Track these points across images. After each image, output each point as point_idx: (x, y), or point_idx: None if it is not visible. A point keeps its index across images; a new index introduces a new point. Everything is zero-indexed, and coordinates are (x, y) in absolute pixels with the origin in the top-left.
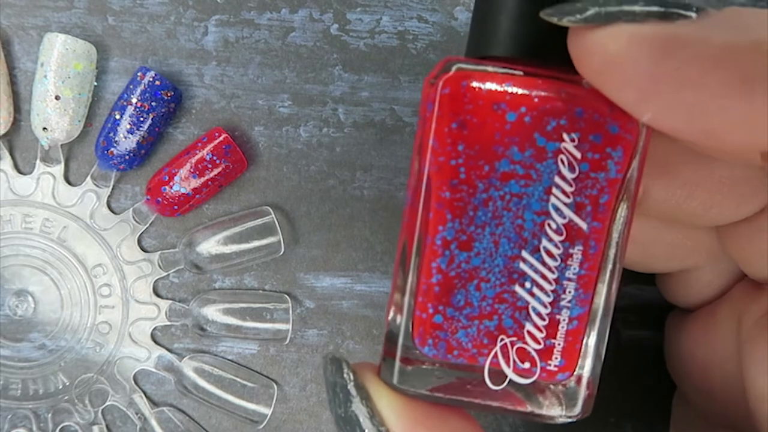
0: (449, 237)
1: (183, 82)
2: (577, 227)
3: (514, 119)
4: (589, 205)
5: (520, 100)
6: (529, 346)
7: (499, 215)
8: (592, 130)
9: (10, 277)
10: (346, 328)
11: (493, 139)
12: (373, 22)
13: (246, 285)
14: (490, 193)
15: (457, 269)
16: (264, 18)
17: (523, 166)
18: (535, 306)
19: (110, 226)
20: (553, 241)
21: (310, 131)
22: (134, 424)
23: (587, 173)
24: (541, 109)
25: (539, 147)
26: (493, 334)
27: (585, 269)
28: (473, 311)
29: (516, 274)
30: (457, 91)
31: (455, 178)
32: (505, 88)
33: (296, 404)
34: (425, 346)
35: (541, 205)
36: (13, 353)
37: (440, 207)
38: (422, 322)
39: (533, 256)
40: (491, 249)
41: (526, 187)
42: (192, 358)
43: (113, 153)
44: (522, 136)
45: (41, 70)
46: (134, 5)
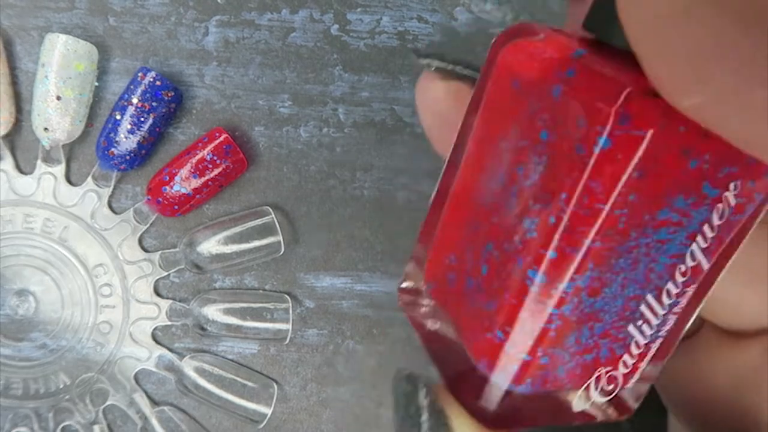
0: (582, 285)
1: (183, 82)
2: (700, 268)
3: (695, 167)
4: (715, 245)
5: (707, 144)
6: (619, 372)
7: (637, 261)
8: (750, 176)
9: (12, 277)
10: (346, 328)
11: (668, 188)
12: (374, 23)
13: (246, 285)
14: (639, 241)
15: (580, 314)
16: (264, 18)
17: (680, 214)
18: (637, 339)
19: (111, 226)
20: (676, 282)
21: (311, 131)
22: (135, 424)
23: (729, 217)
24: (724, 154)
25: (703, 194)
26: (588, 366)
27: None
28: (578, 348)
29: (630, 312)
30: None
31: (612, 229)
32: (701, 130)
33: (296, 404)
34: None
35: (679, 250)
36: (14, 353)
37: (580, 254)
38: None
39: (654, 297)
40: (617, 293)
41: (674, 234)
42: (192, 358)
43: (114, 153)
44: (693, 183)
45: (42, 70)
46: (135, 6)
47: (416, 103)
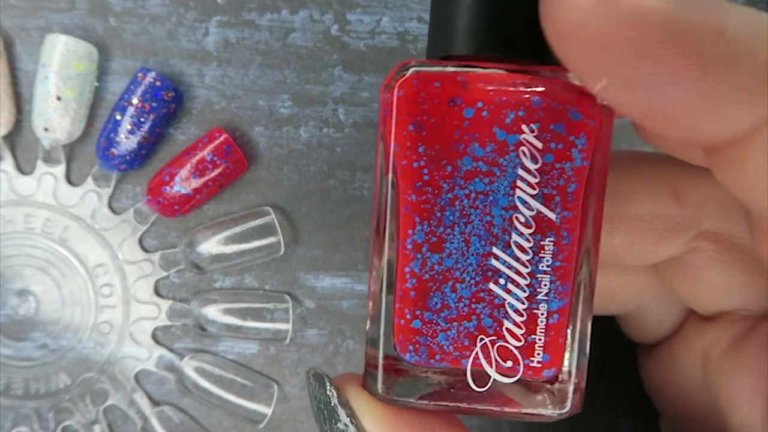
0: (420, 240)
1: (184, 82)
2: (546, 218)
3: (472, 115)
4: (557, 195)
5: (476, 94)
6: (510, 345)
7: (466, 214)
8: (552, 119)
9: (12, 277)
10: (346, 328)
11: (453, 137)
12: (373, 23)
13: (246, 285)
14: (456, 192)
15: (431, 272)
16: (264, 19)
17: (486, 163)
18: (512, 302)
19: (111, 226)
20: (523, 234)
21: (311, 132)
22: (135, 424)
23: (552, 164)
24: (498, 101)
25: (500, 141)
26: (473, 335)
27: (560, 260)
28: (451, 313)
29: (490, 271)
30: (411, 92)
31: (419, 181)
32: (460, 85)
33: (296, 404)
34: (406, 353)
35: (508, 200)
36: (14, 353)
37: (407, 210)
38: (401, 328)
39: (505, 251)
40: (462, 248)
41: (491, 184)
42: (192, 358)
43: (114, 153)
44: (481, 131)
45: (43, 70)
46: (135, 6)
47: None
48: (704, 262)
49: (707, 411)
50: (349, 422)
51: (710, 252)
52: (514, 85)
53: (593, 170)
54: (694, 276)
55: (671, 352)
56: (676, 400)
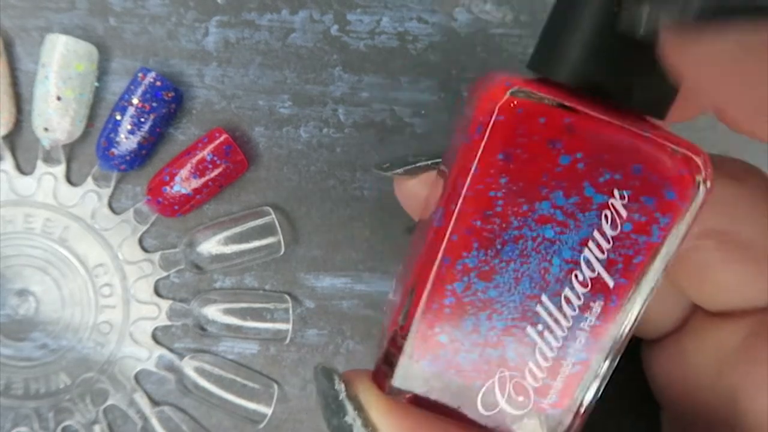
0: (471, 265)
1: (184, 82)
2: (603, 282)
3: (568, 163)
4: (621, 263)
5: (579, 143)
6: (527, 382)
7: (527, 255)
8: (646, 191)
9: (12, 277)
10: (346, 328)
11: (540, 179)
12: (373, 23)
13: (246, 285)
14: (523, 231)
15: (472, 297)
16: (264, 19)
17: (563, 213)
18: (541, 348)
19: (111, 226)
20: (575, 291)
21: (311, 132)
22: (135, 424)
23: (628, 233)
24: (599, 157)
25: (586, 197)
26: (493, 363)
27: (600, 321)
28: (479, 338)
29: (530, 313)
30: (512, 121)
31: (490, 210)
32: (566, 125)
33: (296, 404)
34: (424, 360)
35: (573, 255)
36: (14, 353)
37: (468, 233)
38: (426, 337)
39: (552, 300)
40: (511, 284)
41: (562, 234)
42: (192, 358)
43: (114, 153)
44: (571, 181)
45: (43, 70)
46: (135, 6)
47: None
48: (709, 260)
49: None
50: (357, 416)
51: (714, 250)
52: (620, 144)
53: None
54: (700, 274)
55: (679, 348)
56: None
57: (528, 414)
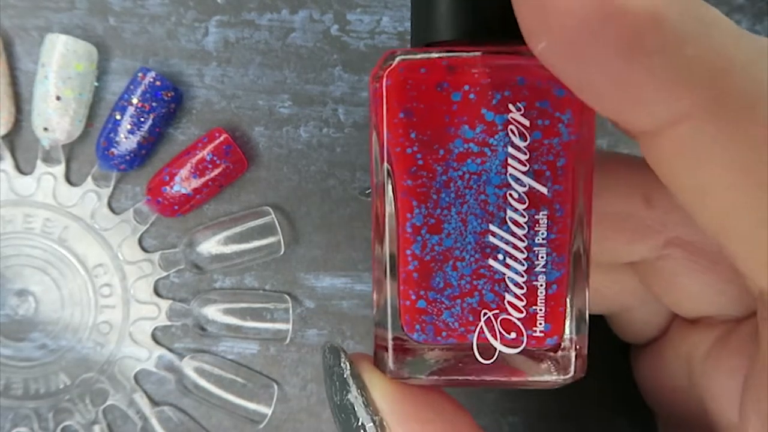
0: (418, 223)
1: (183, 82)
2: (539, 193)
3: (460, 98)
4: (547, 170)
5: (461, 78)
6: (513, 317)
7: (462, 194)
8: (537, 97)
9: (12, 277)
10: (346, 328)
11: (443, 121)
12: (373, 23)
13: (246, 285)
14: (450, 174)
15: (432, 253)
16: (264, 19)
17: (476, 144)
18: (511, 276)
19: (111, 226)
20: (517, 210)
21: (311, 131)
22: (135, 424)
23: (540, 140)
24: (484, 83)
25: (489, 122)
26: (476, 310)
27: (555, 233)
28: (454, 291)
29: (488, 248)
30: (399, 80)
31: (413, 166)
32: (445, 69)
33: (296, 404)
34: (414, 332)
35: (501, 178)
36: (14, 353)
37: (405, 195)
38: (407, 309)
39: (501, 228)
40: (460, 228)
41: (483, 164)
42: (192, 358)
43: (114, 153)
44: (470, 113)
45: (42, 70)
46: (135, 6)
47: None
48: (677, 269)
49: (695, 411)
50: (359, 394)
51: (681, 259)
52: (498, 67)
53: (581, 143)
54: (669, 282)
55: (658, 354)
56: (666, 400)
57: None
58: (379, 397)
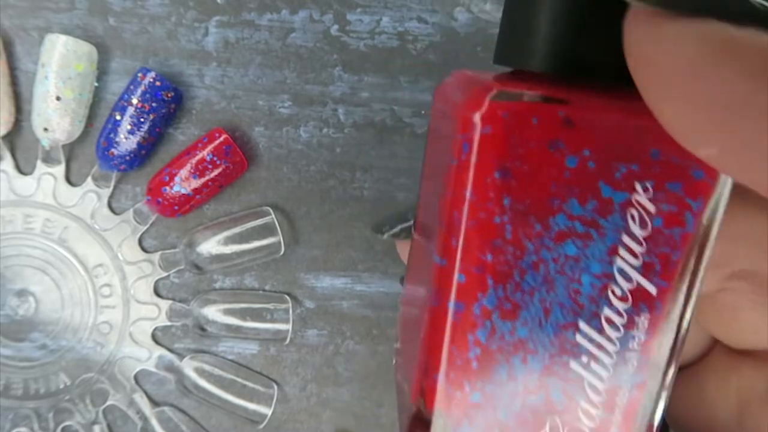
0: (490, 306)
1: (183, 82)
2: (644, 290)
3: (575, 165)
4: (658, 264)
5: (583, 138)
6: (583, 423)
7: (551, 280)
8: (670, 177)
9: (12, 277)
10: (346, 328)
11: (548, 190)
12: (373, 23)
13: (246, 285)
14: (542, 254)
15: (500, 341)
16: (264, 19)
17: (583, 223)
18: (591, 381)
19: (111, 227)
20: (615, 308)
21: (310, 132)
22: (135, 424)
23: (660, 229)
24: (609, 150)
25: (604, 198)
26: (539, 411)
27: (650, 335)
28: (517, 387)
29: (570, 345)
30: (501, 130)
31: (499, 238)
32: (563, 120)
33: (296, 404)
34: (461, 427)
35: (603, 268)
36: (14, 353)
37: (479, 271)
38: (457, 402)
39: (591, 325)
40: (540, 317)
41: (585, 248)
42: (192, 358)
43: (114, 153)
44: (584, 185)
45: (42, 70)
46: (135, 6)
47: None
48: (739, 302)
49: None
50: None
51: (746, 293)
52: (631, 130)
53: (700, 234)
54: (729, 315)
55: (699, 383)
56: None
57: None
58: None
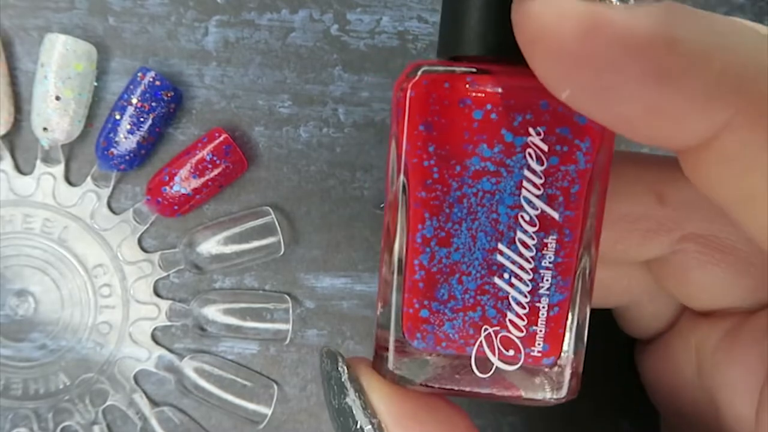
0: (428, 234)
1: (183, 82)
2: (549, 217)
3: (481, 117)
4: (561, 195)
5: (485, 96)
6: (513, 334)
7: (474, 211)
8: (558, 122)
9: (11, 277)
10: (346, 328)
11: (462, 137)
12: (373, 23)
13: (246, 285)
14: (464, 190)
15: (439, 265)
16: (264, 18)
17: (493, 163)
18: (515, 296)
19: (111, 227)
20: (527, 232)
21: (310, 131)
22: (134, 424)
23: (557, 166)
24: (507, 104)
25: (507, 143)
26: (477, 325)
27: (561, 257)
28: (457, 304)
29: (495, 266)
30: (422, 93)
31: (429, 178)
32: (469, 86)
33: (296, 404)
34: (414, 339)
35: (514, 199)
36: (14, 353)
37: (418, 206)
38: (410, 317)
39: (510, 247)
40: (469, 243)
41: (498, 183)
42: (192, 358)
43: (113, 153)
44: (490, 133)
45: (42, 70)
46: (135, 6)
47: None
48: (690, 263)
49: (702, 405)
50: (357, 397)
51: (695, 253)
52: (522, 89)
53: (596, 170)
54: (682, 276)
55: (666, 348)
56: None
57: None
58: (377, 399)
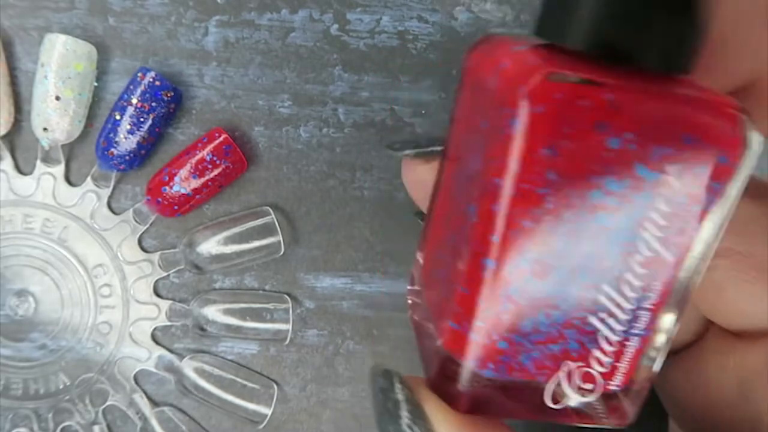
0: (525, 266)
1: (183, 82)
2: (662, 259)
3: (618, 145)
4: (676, 236)
5: (626, 121)
6: (594, 369)
7: (581, 246)
8: (699, 160)
9: (11, 277)
10: (346, 328)
11: (590, 167)
12: (373, 22)
13: (246, 285)
14: (576, 225)
15: (529, 299)
16: (264, 18)
17: (616, 198)
18: (605, 333)
19: (111, 227)
20: (636, 273)
21: (310, 131)
22: (135, 424)
23: (686, 207)
24: (647, 133)
25: (638, 177)
26: (556, 357)
27: (661, 296)
28: (539, 337)
29: (590, 303)
30: (554, 110)
31: (539, 208)
32: (609, 106)
33: (296, 404)
34: (485, 369)
35: (629, 238)
36: (14, 353)
37: (517, 235)
38: (484, 348)
39: (612, 286)
40: (568, 279)
41: (616, 220)
42: (192, 358)
43: (113, 153)
44: (622, 165)
45: (42, 70)
46: (135, 6)
47: (405, 184)
48: (724, 280)
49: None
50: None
51: (730, 270)
52: (667, 118)
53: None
54: (715, 294)
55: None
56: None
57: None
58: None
